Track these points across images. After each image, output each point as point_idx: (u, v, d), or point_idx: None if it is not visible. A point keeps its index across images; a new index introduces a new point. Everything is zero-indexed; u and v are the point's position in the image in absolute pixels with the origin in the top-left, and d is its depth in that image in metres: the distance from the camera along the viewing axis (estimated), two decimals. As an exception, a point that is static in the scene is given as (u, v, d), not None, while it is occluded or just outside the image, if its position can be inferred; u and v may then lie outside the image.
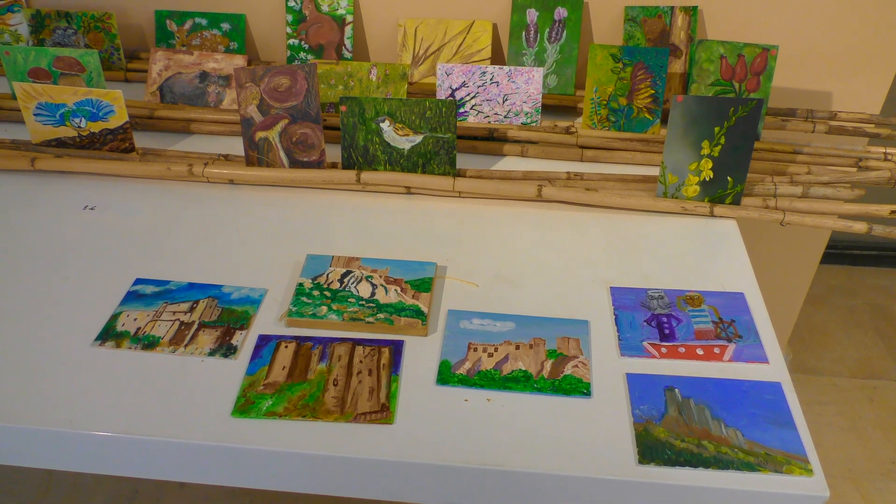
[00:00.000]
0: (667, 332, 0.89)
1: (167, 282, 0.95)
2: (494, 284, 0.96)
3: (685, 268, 0.99)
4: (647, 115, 1.24)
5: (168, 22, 1.42)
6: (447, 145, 1.10)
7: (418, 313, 0.89)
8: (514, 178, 1.13)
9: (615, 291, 0.95)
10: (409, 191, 1.12)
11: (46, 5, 1.46)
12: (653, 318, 0.91)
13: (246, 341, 0.87)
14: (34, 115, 1.15)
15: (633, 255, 1.01)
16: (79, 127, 1.15)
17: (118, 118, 1.14)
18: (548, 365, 0.84)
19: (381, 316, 0.89)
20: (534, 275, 0.98)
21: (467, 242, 1.04)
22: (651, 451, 0.75)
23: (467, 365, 0.84)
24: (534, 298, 0.94)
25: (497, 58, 1.40)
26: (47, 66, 1.25)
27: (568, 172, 1.15)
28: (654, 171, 1.17)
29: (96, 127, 1.15)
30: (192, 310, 0.91)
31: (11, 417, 0.77)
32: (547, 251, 1.02)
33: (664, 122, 1.24)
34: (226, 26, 1.42)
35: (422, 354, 0.86)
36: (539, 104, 1.24)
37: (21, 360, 0.84)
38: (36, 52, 1.24)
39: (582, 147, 1.22)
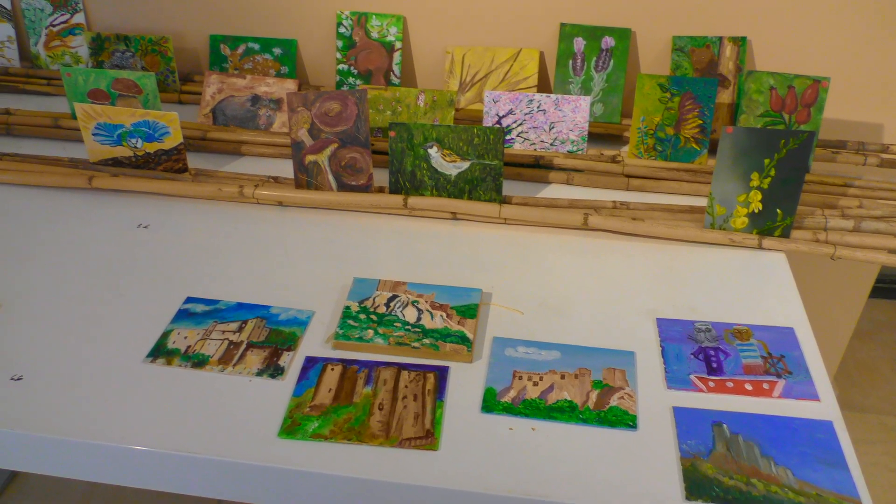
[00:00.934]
0: (714, 365, 0.88)
1: (217, 301, 0.97)
2: (540, 312, 0.96)
3: (733, 301, 0.98)
4: (694, 146, 1.23)
5: (222, 46, 1.46)
6: (494, 172, 1.11)
7: (464, 339, 0.90)
8: (560, 206, 1.13)
9: (661, 323, 0.94)
10: (454, 216, 1.13)
11: (106, 29, 1.50)
12: (700, 350, 0.90)
13: (293, 362, 0.88)
14: (93, 134, 1.18)
15: (679, 287, 1.01)
16: (135, 147, 1.19)
17: (173, 139, 1.17)
18: (593, 396, 0.84)
19: (426, 341, 0.89)
20: (579, 304, 0.98)
21: (512, 269, 1.04)
22: (699, 487, 0.74)
23: (512, 393, 0.84)
24: (579, 328, 0.93)
25: (543, 86, 1.41)
26: (106, 88, 1.29)
27: (614, 201, 1.14)
28: (702, 202, 1.16)
29: (152, 147, 1.18)
30: (240, 329, 0.92)
31: (61, 429, 0.79)
32: (592, 280, 1.02)
33: (712, 152, 1.23)
34: (277, 51, 1.45)
35: (467, 381, 0.86)
36: (585, 132, 1.25)
37: (75, 374, 0.86)
38: (96, 73, 1.28)
39: (628, 176, 1.22)
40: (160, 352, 0.89)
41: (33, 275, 1.01)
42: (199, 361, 0.87)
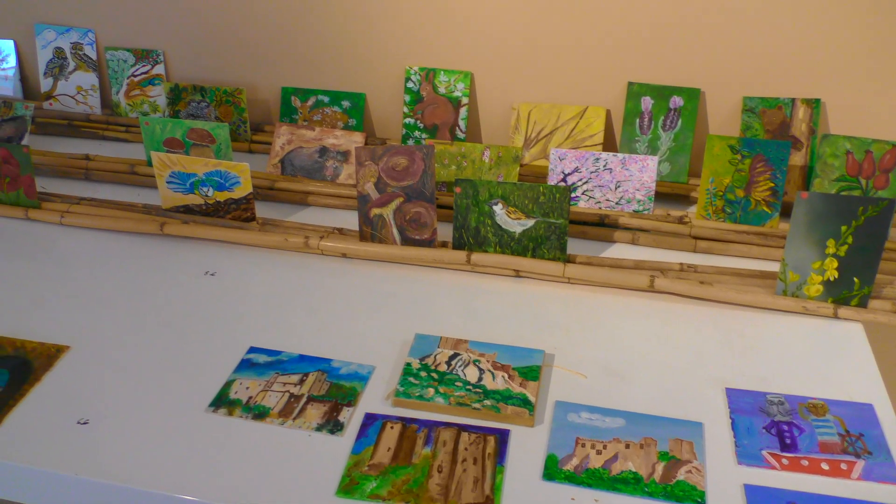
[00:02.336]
0: (788, 441, 0.84)
1: (279, 352, 0.97)
2: (603, 377, 0.94)
3: (807, 372, 0.94)
4: (765, 209, 1.20)
5: (293, 98, 1.50)
6: (559, 231, 1.10)
7: (525, 402, 0.88)
8: (626, 267, 1.12)
9: (731, 393, 0.91)
10: (517, 274, 1.12)
11: (184, 79, 1.56)
12: (772, 425, 0.86)
13: (352, 418, 0.87)
14: (167, 182, 1.22)
15: (750, 356, 0.97)
16: (206, 196, 1.22)
17: (243, 189, 1.19)
18: (659, 468, 0.81)
19: (487, 403, 0.88)
20: (645, 369, 0.95)
21: (576, 331, 1.02)
22: (773, 574, 0.70)
23: (575, 461, 0.81)
24: (644, 394, 0.91)
25: (609, 143, 1.40)
26: (181, 137, 1.33)
27: (681, 264, 1.12)
28: (773, 267, 1.12)
29: (222, 196, 1.21)
30: (301, 382, 0.92)
31: (122, 476, 0.80)
32: (658, 345, 0.99)
33: (783, 215, 1.20)
34: (346, 104, 1.48)
35: (528, 446, 0.84)
36: (652, 192, 1.23)
37: (139, 421, 0.87)
38: (172, 123, 1.33)
39: (695, 238, 1.19)
40: (222, 402, 0.89)
41: (103, 318, 1.04)
42: (260, 413, 0.88)
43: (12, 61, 1.63)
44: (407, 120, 1.45)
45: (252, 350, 0.98)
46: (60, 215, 1.24)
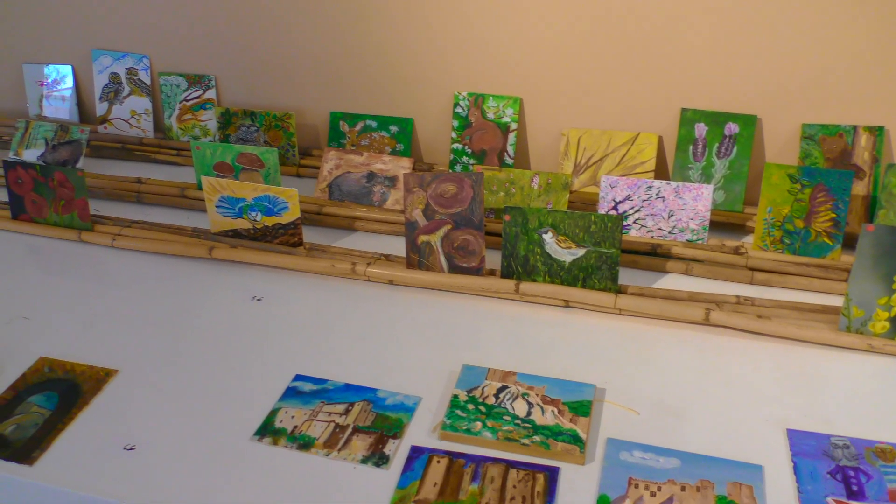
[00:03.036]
0: (855, 488, 0.80)
1: (325, 380, 0.96)
2: (657, 414, 0.90)
3: (874, 415, 0.90)
4: (826, 240, 1.16)
5: (341, 123, 1.50)
6: (610, 261, 1.07)
7: (576, 439, 0.85)
8: (680, 299, 1.08)
9: (793, 435, 0.87)
10: (567, 304, 1.10)
11: (234, 104, 1.58)
12: (838, 470, 0.82)
13: (398, 451, 0.85)
14: (216, 206, 1.22)
15: (812, 395, 0.93)
16: (254, 220, 1.22)
17: (291, 214, 1.19)
18: (718, 513, 0.77)
19: (536, 438, 0.85)
20: (700, 407, 0.91)
21: (627, 364, 0.99)
22: None
23: (628, 503, 0.78)
24: (700, 434, 0.87)
25: (661, 171, 1.37)
26: (231, 161, 1.34)
27: (737, 296, 1.08)
28: (835, 301, 1.08)
29: (270, 221, 1.21)
30: (347, 412, 0.91)
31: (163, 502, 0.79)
32: (715, 381, 0.96)
33: (845, 247, 1.16)
34: (394, 129, 1.47)
35: (578, 485, 0.81)
36: (707, 221, 1.20)
37: (184, 447, 0.86)
38: (223, 148, 1.34)
39: (752, 269, 1.15)
40: (267, 430, 0.88)
41: (152, 341, 1.04)
42: (305, 443, 0.86)
43: (69, 83, 1.66)
44: (455, 145, 1.44)
45: (298, 378, 0.97)
46: (112, 238, 1.26)
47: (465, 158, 1.44)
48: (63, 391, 0.94)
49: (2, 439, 0.87)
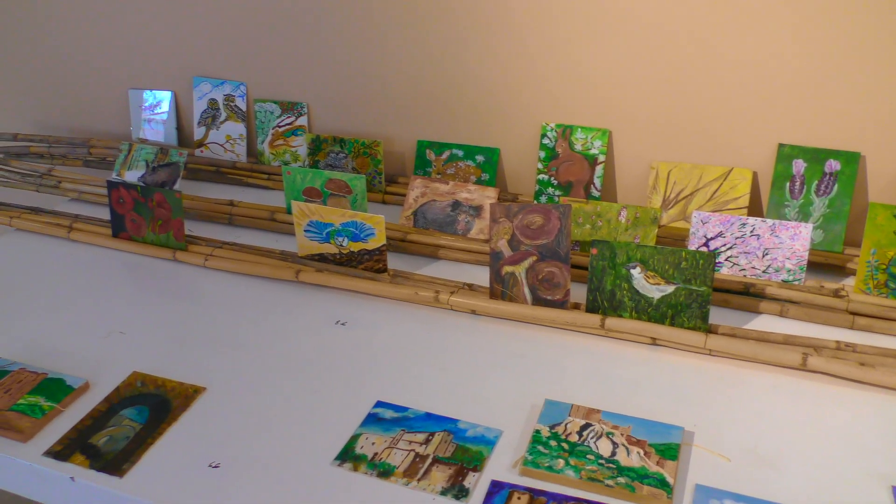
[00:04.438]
0: (970, 555, 0.74)
1: (406, 408, 0.96)
2: (750, 462, 0.86)
3: None
4: (935, 285, 1.10)
5: (427, 151, 1.52)
6: (701, 299, 1.04)
7: (663, 484, 0.82)
8: (774, 342, 1.04)
9: (900, 493, 0.81)
10: (654, 342, 1.07)
11: (325, 131, 1.61)
12: (950, 534, 0.76)
13: (478, 484, 0.84)
14: (304, 230, 1.25)
15: (920, 451, 0.87)
16: (340, 245, 1.24)
17: (377, 240, 1.21)
18: (816, 572, 0.73)
19: (621, 480, 0.83)
20: (796, 457, 0.87)
21: (718, 408, 0.95)
22: None
23: (718, 555, 0.75)
24: (796, 486, 0.83)
25: (754, 208, 1.33)
26: (320, 187, 1.37)
27: (837, 341, 1.03)
28: (945, 351, 1.01)
29: (356, 247, 1.22)
30: (427, 442, 0.90)
31: (253, 527, 0.80)
32: (812, 431, 0.91)
33: (956, 294, 1.09)
34: (480, 158, 1.48)
35: (665, 532, 0.78)
36: (804, 262, 1.15)
37: (266, 469, 0.87)
38: (313, 173, 1.37)
39: (853, 314, 1.10)
40: (348, 456, 0.88)
41: (238, 361, 1.06)
42: (385, 471, 0.86)
43: (165, 107, 1.74)
44: (541, 176, 1.43)
45: (379, 404, 0.97)
46: (204, 258, 1.30)
47: (550, 190, 1.42)
48: (153, 406, 0.97)
49: (95, 450, 0.90)
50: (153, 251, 1.34)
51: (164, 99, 1.74)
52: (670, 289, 1.05)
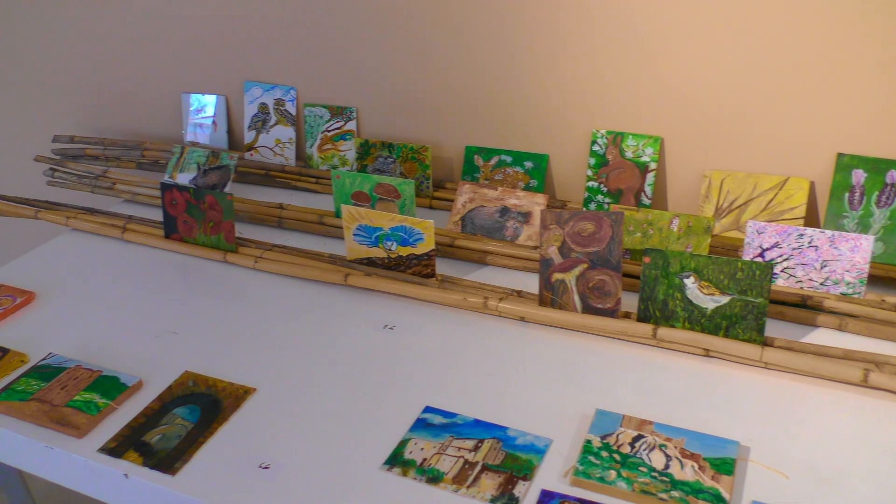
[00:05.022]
0: None
1: (454, 414, 0.95)
2: (808, 480, 0.84)
3: None
4: None
5: (476, 157, 1.51)
6: (757, 311, 1.01)
7: (718, 499, 0.80)
8: (833, 356, 1.01)
9: (968, 516, 0.78)
10: (707, 353, 1.04)
11: (373, 136, 1.62)
12: None
13: (528, 494, 0.83)
14: (354, 234, 1.25)
15: None
16: (389, 250, 1.24)
17: (426, 245, 1.20)
18: None
19: (675, 494, 0.81)
20: (858, 478, 0.84)
21: (774, 423, 0.93)
22: None
23: (777, 574, 0.73)
24: (859, 505, 0.80)
25: (811, 218, 1.30)
26: (369, 191, 1.37)
27: (900, 357, 1.00)
28: None
29: (405, 251, 1.23)
30: (476, 449, 0.89)
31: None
32: (874, 449, 0.88)
33: None
34: (529, 164, 1.47)
35: (721, 549, 0.76)
36: (864, 275, 1.11)
37: (315, 471, 0.87)
38: (362, 177, 1.37)
39: (916, 329, 1.06)
40: (397, 460, 0.88)
41: (288, 363, 1.07)
42: (434, 477, 0.85)
43: (210, 111, 1.76)
44: (590, 183, 1.41)
45: (428, 409, 0.96)
46: (254, 260, 1.31)
47: (599, 197, 1.41)
48: (205, 405, 0.98)
49: (148, 448, 0.91)
50: (204, 252, 1.36)
51: (208, 103, 1.77)
52: (725, 299, 1.03)
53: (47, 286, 1.29)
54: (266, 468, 0.88)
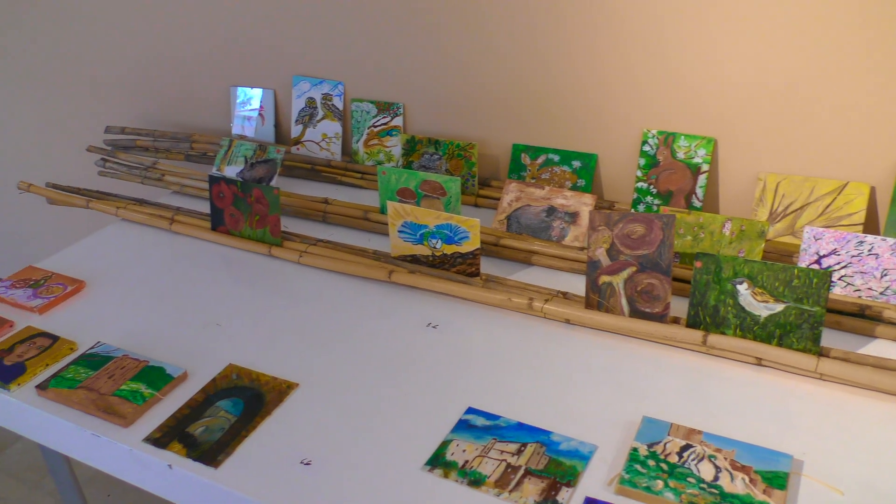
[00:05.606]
0: None
1: (497, 416, 0.94)
2: (866, 497, 0.81)
3: None
4: None
5: (523, 155, 1.49)
6: (813, 320, 0.98)
7: (770, 514, 0.78)
8: (893, 369, 0.97)
9: None
10: (759, 362, 1.01)
11: (420, 132, 1.61)
12: None
13: (571, 500, 0.81)
14: (399, 231, 1.24)
15: None
16: (434, 247, 1.23)
17: (471, 244, 1.19)
18: None
19: (725, 507, 0.79)
20: (918, 495, 0.81)
21: (829, 436, 0.90)
22: None
23: None
24: (919, 527, 0.77)
25: (871, 225, 1.25)
26: (414, 188, 1.36)
27: (964, 373, 0.96)
28: None
29: (449, 249, 1.21)
30: (519, 452, 0.88)
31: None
32: (936, 468, 0.84)
33: None
34: (577, 164, 1.45)
35: (772, 566, 0.73)
36: (927, 285, 1.07)
37: (356, 469, 0.87)
38: (408, 174, 1.37)
39: (982, 343, 1.02)
40: (438, 461, 0.87)
41: (330, 358, 1.07)
42: (476, 480, 0.84)
43: (255, 104, 1.77)
44: (639, 184, 1.39)
45: (470, 411, 0.95)
46: (299, 255, 1.31)
47: (649, 198, 1.38)
48: (248, 399, 0.98)
49: (192, 439, 0.92)
50: (250, 245, 1.37)
51: (254, 96, 1.78)
52: (779, 307, 1.00)
53: (97, 275, 1.31)
54: (307, 464, 0.88)
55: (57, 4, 1.96)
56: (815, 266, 1.13)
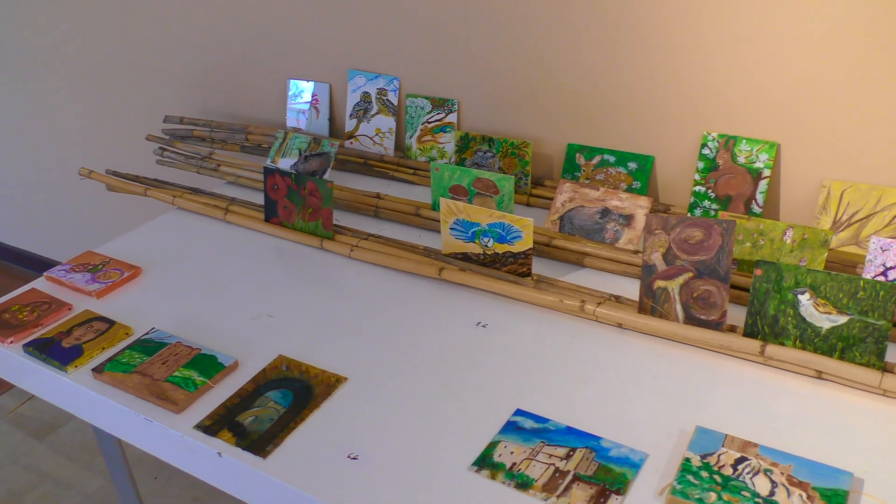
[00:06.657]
0: None
1: (546, 419, 0.93)
2: (931, 521, 0.77)
3: None
4: None
5: (577, 155, 1.47)
6: (878, 334, 0.94)
7: (829, 534, 0.75)
8: (962, 389, 0.93)
9: None
10: (819, 376, 0.98)
11: (474, 129, 1.60)
12: None
13: (620, 509, 0.80)
14: (450, 228, 1.24)
15: None
16: (485, 246, 1.22)
17: (523, 244, 1.18)
18: None
19: (781, 524, 0.76)
20: None
21: (892, 455, 0.86)
22: None
23: None
24: None
25: (941, 236, 1.20)
26: (467, 185, 1.36)
27: None
28: None
29: (501, 248, 1.20)
30: (568, 457, 0.87)
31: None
32: None
33: None
34: (632, 165, 1.42)
35: (830, 588, 0.71)
36: None
37: (403, 466, 0.87)
38: (461, 171, 1.36)
39: None
40: (485, 462, 0.86)
41: (379, 353, 1.07)
42: (523, 483, 0.83)
43: (306, 97, 1.78)
44: (697, 188, 1.35)
45: (519, 412, 0.94)
46: (350, 249, 1.32)
47: (706, 203, 1.35)
48: (297, 391, 0.99)
49: (241, 428, 0.93)
50: (302, 238, 1.38)
51: (305, 89, 1.79)
52: (843, 319, 0.96)
53: (152, 262, 1.33)
54: (354, 458, 0.88)
55: (121, -5, 2.01)
56: (881, 278, 1.09)
